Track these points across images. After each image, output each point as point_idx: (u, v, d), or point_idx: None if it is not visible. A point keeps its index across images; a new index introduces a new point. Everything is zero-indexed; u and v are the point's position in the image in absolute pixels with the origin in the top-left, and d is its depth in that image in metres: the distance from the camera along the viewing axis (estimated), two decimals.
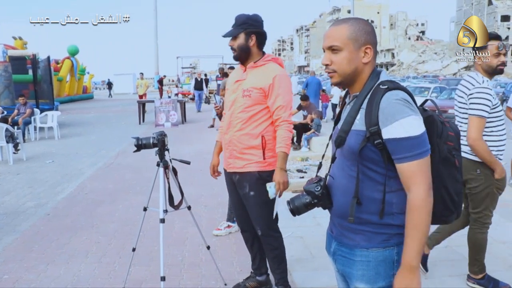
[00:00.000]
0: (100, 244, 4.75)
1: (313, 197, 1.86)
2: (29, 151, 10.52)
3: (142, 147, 3.44)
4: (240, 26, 3.15)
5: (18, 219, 5.71)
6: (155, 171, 3.65)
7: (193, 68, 49.39)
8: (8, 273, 4.13)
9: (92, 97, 42.36)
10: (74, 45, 35.91)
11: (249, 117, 3.17)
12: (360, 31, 1.76)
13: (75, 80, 36.63)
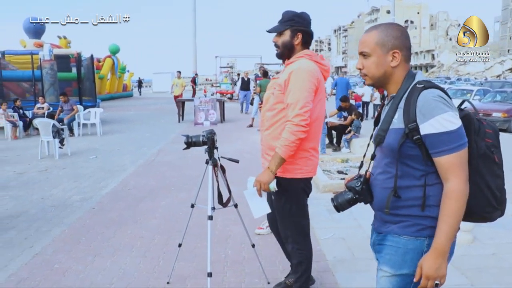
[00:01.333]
0: (144, 239, 4.86)
1: (354, 193, 1.98)
2: (73, 147, 10.82)
3: (191, 144, 3.47)
4: (286, 23, 3.02)
5: (66, 211, 5.90)
6: (194, 169, 3.72)
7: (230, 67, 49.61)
8: (59, 263, 4.29)
9: (131, 95, 43.17)
10: (115, 44, 36.68)
11: (272, 115, 3.06)
12: (387, 36, 1.87)
13: (115, 78, 37.41)
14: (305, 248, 3.24)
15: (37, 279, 3.95)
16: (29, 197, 6.68)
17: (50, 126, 9.80)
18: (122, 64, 39.17)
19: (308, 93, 2.89)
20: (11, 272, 4.12)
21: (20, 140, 13.24)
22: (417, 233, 1.83)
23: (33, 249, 4.65)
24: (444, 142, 1.72)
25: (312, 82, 2.92)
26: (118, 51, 36.73)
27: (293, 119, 2.85)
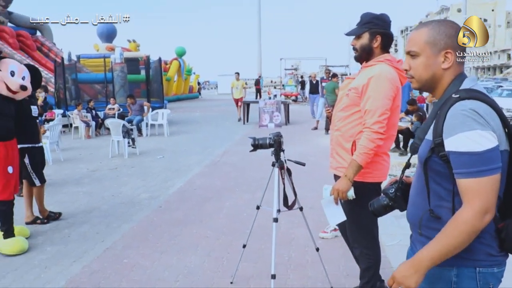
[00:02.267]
0: (209, 238, 4.94)
1: (389, 199, 1.91)
2: (142, 146, 11.20)
3: (258, 147, 3.49)
4: (365, 25, 2.97)
5: (134, 209, 6.12)
6: (259, 170, 3.74)
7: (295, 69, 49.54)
8: (127, 257, 4.45)
9: (197, 96, 44.08)
10: (182, 47, 37.63)
11: (345, 117, 3.04)
12: (440, 34, 1.67)
13: (182, 80, 38.34)
14: (373, 253, 3.18)
15: (108, 272, 4.13)
16: (101, 193, 6.99)
17: (120, 126, 10.20)
18: (188, 66, 40.09)
19: (387, 101, 2.88)
20: (84, 263, 4.33)
21: (92, 139, 13.88)
22: (443, 261, 1.60)
23: (104, 243, 4.86)
24: (464, 163, 1.52)
25: (392, 89, 2.90)
26: (185, 53, 37.66)
27: (372, 126, 2.85)
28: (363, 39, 2.99)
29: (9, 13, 25.25)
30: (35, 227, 5.43)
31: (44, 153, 5.97)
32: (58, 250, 4.72)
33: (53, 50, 25.79)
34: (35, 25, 26.80)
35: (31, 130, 5.45)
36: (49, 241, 5.01)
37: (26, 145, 5.29)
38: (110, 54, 20.02)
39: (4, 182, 4.71)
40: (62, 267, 4.29)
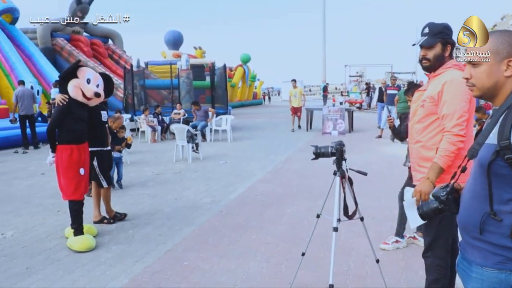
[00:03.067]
0: (269, 245, 4.94)
1: (439, 202, 1.88)
2: (205, 151, 11.40)
3: (320, 155, 3.47)
4: (437, 35, 2.98)
5: (196, 212, 6.22)
6: (321, 178, 3.70)
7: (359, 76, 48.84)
8: (187, 260, 4.54)
9: (261, 103, 44.44)
10: (247, 53, 38.11)
11: (423, 127, 3.05)
12: (502, 43, 1.69)
13: (246, 86, 38.80)
14: (445, 265, 3.08)
15: (168, 273, 4.22)
16: (164, 196, 7.17)
17: (185, 132, 10.43)
18: (253, 73, 40.52)
19: (464, 103, 2.91)
20: (146, 264, 4.45)
21: (158, 144, 14.29)
22: (500, 265, 1.63)
23: (166, 245, 4.97)
24: None
25: (467, 92, 2.83)
26: (249, 60, 38.10)
27: (452, 129, 2.88)
28: (436, 49, 3.01)
29: (85, 23, 26.54)
30: (102, 226, 5.66)
31: (112, 156, 6.22)
32: (122, 249, 4.89)
33: (123, 57, 26.89)
34: (107, 33, 28.08)
35: (101, 134, 5.71)
36: (114, 240, 5.20)
37: (95, 149, 5.54)
38: (176, 61, 20.56)
39: (76, 183, 4.98)
40: (126, 266, 4.43)
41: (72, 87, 4.95)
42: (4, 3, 19.97)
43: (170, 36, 33.14)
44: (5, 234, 5.50)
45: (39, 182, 8.62)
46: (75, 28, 25.67)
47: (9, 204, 6.94)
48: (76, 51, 23.88)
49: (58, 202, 6.70)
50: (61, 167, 4.97)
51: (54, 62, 22.34)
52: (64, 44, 23.98)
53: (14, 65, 19.16)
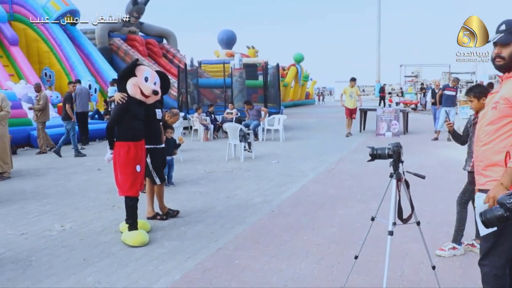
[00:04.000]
0: (320, 246, 4.88)
1: (505, 209, 1.81)
2: (257, 151, 11.42)
3: (376, 157, 3.39)
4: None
5: (248, 211, 6.23)
6: (374, 180, 3.62)
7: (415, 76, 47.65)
8: (239, 259, 4.54)
9: (313, 102, 44.18)
10: (300, 53, 37.96)
11: (494, 130, 2.87)
12: None
13: (298, 86, 38.66)
14: (502, 275, 2.89)
15: (219, 271, 4.24)
16: (216, 194, 7.23)
17: (238, 131, 10.48)
18: (306, 73, 40.33)
19: None
20: (198, 261, 4.49)
21: (210, 142, 14.45)
22: None
23: (217, 243, 5.00)
24: None
25: None
26: (302, 59, 37.94)
27: None
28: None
29: (141, 24, 27.32)
30: (155, 222, 5.77)
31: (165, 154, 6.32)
32: (174, 245, 4.96)
33: (177, 56, 27.42)
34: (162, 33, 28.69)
35: (155, 131, 5.81)
36: (167, 236, 5.28)
37: (149, 146, 5.64)
38: (229, 60, 20.74)
39: (133, 180, 5.10)
40: (178, 262, 4.49)
41: (131, 85, 5.06)
42: (66, 5, 20.77)
43: (224, 35, 33.47)
44: (64, 226, 5.70)
45: (96, 177, 8.90)
46: (131, 28, 26.42)
47: (68, 198, 7.20)
48: (132, 51, 24.55)
49: (113, 197, 6.89)
50: (118, 163, 5.09)
51: (111, 61, 23.07)
52: (121, 44, 24.71)
53: (74, 65, 19.91)
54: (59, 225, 5.76)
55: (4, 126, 8.89)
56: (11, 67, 19.87)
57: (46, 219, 6.07)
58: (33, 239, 5.28)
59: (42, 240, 5.23)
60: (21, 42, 20.64)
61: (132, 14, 26.34)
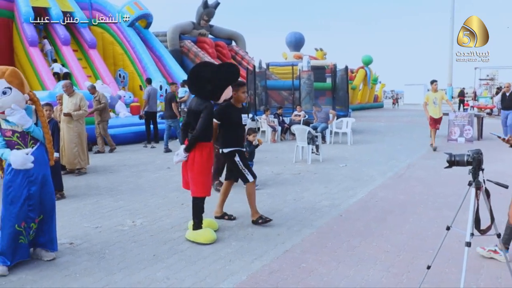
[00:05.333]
0: (389, 253, 4.74)
1: None
2: (325, 153, 11.29)
3: (454, 164, 3.25)
4: None
5: (315, 215, 6.17)
6: (447, 187, 3.47)
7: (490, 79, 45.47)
8: (305, 262, 4.51)
9: (382, 106, 43.23)
10: (369, 55, 37.29)
11: None
12: None
13: (367, 88, 37.99)
14: None
15: (286, 274, 4.22)
16: (283, 196, 7.22)
17: (306, 133, 10.42)
18: (374, 75, 39.56)
19: None
20: (265, 262, 4.50)
21: (277, 144, 14.47)
22: None
23: (284, 245, 4.99)
24: None
25: None
26: (371, 62, 37.27)
27: None
28: None
29: (210, 26, 27.87)
30: (222, 222, 5.84)
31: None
32: (241, 246, 4.99)
33: (245, 58, 27.73)
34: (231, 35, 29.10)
35: (241, 134, 5.84)
36: (234, 236, 5.33)
37: (236, 148, 5.65)
38: (297, 62, 20.68)
39: (209, 180, 5.24)
40: (245, 262, 4.52)
41: (227, 92, 5.27)
42: (140, 9, 21.55)
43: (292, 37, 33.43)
44: (135, 222, 5.90)
45: (165, 175, 9.15)
46: (201, 31, 27.00)
47: (139, 194, 7.45)
48: (202, 53, 25.06)
49: (182, 195, 7.06)
50: (199, 163, 5.11)
51: (181, 63, 23.66)
52: (191, 46, 25.29)
53: (146, 66, 20.58)
54: (131, 221, 5.96)
55: (82, 124, 9.35)
56: (89, 68, 20.85)
57: (119, 214, 6.31)
58: (107, 232, 5.50)
59: (115, 234, 5.44)
60: (99, 45, 21.62)
61: (202, 17, 26.95)
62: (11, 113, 4.32)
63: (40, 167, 4.54)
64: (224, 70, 5.23)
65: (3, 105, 4.28)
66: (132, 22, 21.42)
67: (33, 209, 4.52)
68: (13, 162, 4.35)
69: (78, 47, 21.31)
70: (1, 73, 4.29)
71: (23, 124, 4.40)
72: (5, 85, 4.27)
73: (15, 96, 4.33)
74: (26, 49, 18.80)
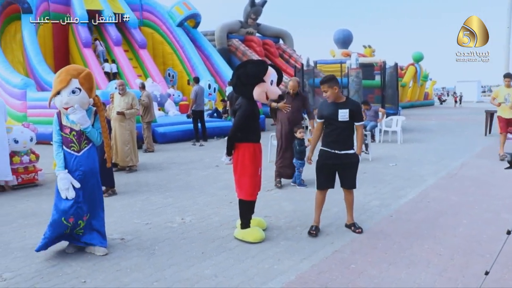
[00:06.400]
0: (442, 256, 4.59)
1: None
2: (374, 153, 11.09)
3: None
4: None
5: (365, 215, 6.06)
6: (504, 188, 3.30)
7: None
8: (355, 263, 4.43)
9: (432, 103, 42.20)
10: (419, 52, 36.39)
11: None
12: None
13: (417, 86, 37.11)
14: None
15: (335, 274, 4.16)
16: (332, 195, 6.93)
17: None
18: (425, 72, 38.61)
19: None
20: (314, 262, 4.45)
21: None
22: None
23: (333, 245, 4.92)
24: None
25: None
26: (422, 59, 36.36)
27: None
28: None
29: (258, 25, 27.95)
30: (270, 221, 5.82)
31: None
32: (290, 245, 4.96)
33: (293, 56, 27.66)
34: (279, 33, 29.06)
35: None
36: (282, 235, 5.30)
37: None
38: (345, 60, 20.41)
39: (256, 182, 5.18)
40: (293, 262, 4.48)
41: (259, 91, 4.96)
42: (189, 10, 21.87)
43: (340, 34, 33.12)
44: (184, 219, 5.97)
45: (213, 174, 9.22)
46: (249, 29, 27.12)
47: (188, 192, 7.55)
48: (250, 51, 25.18)
49: (230, 193, 7.08)
50: (241, 165, 5.08)
51: (229, 62, 23.84)
52: (239, 45, 25.46)
53: (195, 65, 20.87)
54: (180, 218, 6.04)
55: (133, 122, 9.58)
56: (140, 68, 21.37)
57: (168, 211, 6.41)
58: (156, 229, 5.60)
59: (165, 230, 5.53)
60: (148, 45, 22.11)
61: (249, 15, 27.06)
62: (73, 112, 4.57)
63: (89, 166, 4.73)
64: (249, 67, 5.04)
65: (69, 102, 4.53)
66: (181, 22, 21.76)
67: (82, 207, 4.70)
68: (58, 181, 4.64)
69: (129, 47, 21.89)
70: (77, 73, 4.55)
71: (82, 124, 4.62)
72: (76, 85, 4.53)
73: (81, 98, 4.58)
74: (80, 50, 19.48)
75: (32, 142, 8.46)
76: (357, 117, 5.31)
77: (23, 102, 14.94)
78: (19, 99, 15.00)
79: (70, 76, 4.51)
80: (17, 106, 14.85)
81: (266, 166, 5.64)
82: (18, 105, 14.87)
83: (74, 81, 4.51)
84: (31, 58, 17.11)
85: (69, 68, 4.63)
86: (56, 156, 4.67)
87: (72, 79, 4.50)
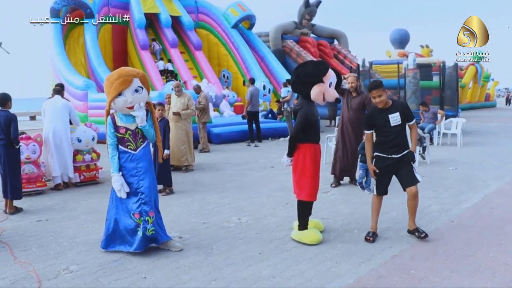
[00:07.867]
0: (509, 266, 4.40)
1: None
2: (432, 156, 10.76)
3: None
4: None
5: (424, 219, 5.90)
6: None
7: None
8: (415, 269, 4.32)
9: (494, 105, 40.53)
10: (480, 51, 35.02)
11: None
12: None
13: (477, 87, 35.81)
14: None
15: (394, 280, 4.08)
16: (390, 199, 6.84)
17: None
18: (486, 72, 37.14)
19: None
20: (372, 266, 4.39)
21: None
22: None
23: (392, 250, 4.83)
24: None
25: None
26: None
27: None
28: None
29: (312, 25, 27.80)
30: (328, 223, 5.76)
31: None
32: (348, 248, 4.90)
33: (348, 57, 27.30)
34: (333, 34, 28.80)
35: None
36: (340, 238, 5.24)
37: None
38: (402, 60, 19.96)
39: (316, 183, 5.16)
40: (351, 265, 4.43)
41: (317, 92, 4.93)
42: (243, 11, 22.04)
43: (396, 34, 32.44)
44: (241, 220, 6.02)
45: (269, 174, 9.24)
46: (303, 30, 27.00)
47: (244, 192, 7.60)
48: (304, 52, 25.04)
49: (286, 195, 7.08)
50: (302, 165, 5.06)
51: (283, 63, 23.81)
52: (293, 46, 25.36)
53: (250, 66, 20.98)
54: (236, 218, 6.09)
55: (189, 123, 9.74)
56: (195, 69, 21.73)
57: (225, 211, 6.47)
58: (214, 228, 5.67)
59: (221, 230, 5.59)
60: (204, 47, 22.45)
61: (304, 16, 26.95)
62: (139, 109, 4.72)
63: (146, 163, 4.86)
64: (310, 66, 5.05)
65: (134, 101, 4.68)
66: (236, 24, 21.96)
67: (145, 202, 4.80)
68: (113, 183, 4.81)
69: (185, 49, 22.31)
70: (136, 73, 4.72)
71: (143, 120, 4.76)
72: (139, 84, 4.69)
73: (144, 96, 4.76)
74: (138, 52, 20.01)
75: (93, 141, 8.79)
76: (408, 117, 5.21)
77: (84, 102, 15.51)
78: (81, 100, 15.57)
79: (132, 76, 4.64)
80: (79, 107, 15.41)
81: (322, 168, 5.58)
82: (80, 106, 15.42)
83: (136, 81, 4.66)
84: (92, 60, 17.74)
85: (123, 70, 4.75)
86: (111, 158, 4.82)
87: (134, 79, 4.64)
